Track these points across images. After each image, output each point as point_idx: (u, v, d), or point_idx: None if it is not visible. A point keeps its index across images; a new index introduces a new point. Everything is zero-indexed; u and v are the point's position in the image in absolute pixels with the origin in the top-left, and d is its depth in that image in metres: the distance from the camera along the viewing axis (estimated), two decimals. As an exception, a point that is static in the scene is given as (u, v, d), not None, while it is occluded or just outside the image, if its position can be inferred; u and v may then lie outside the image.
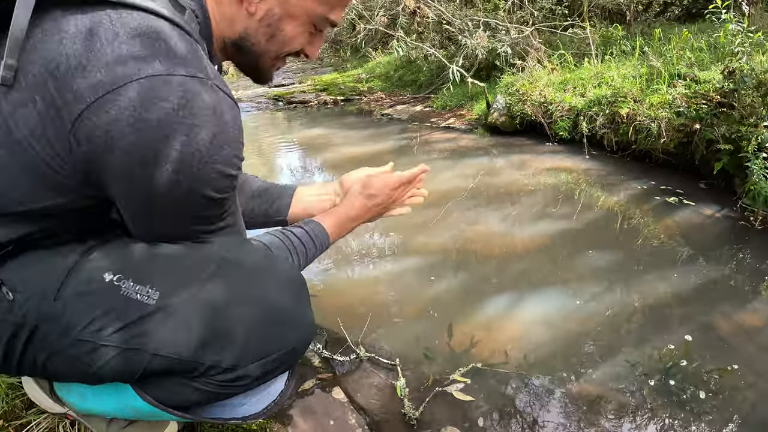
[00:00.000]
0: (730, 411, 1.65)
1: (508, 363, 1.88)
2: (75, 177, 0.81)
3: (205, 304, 0.91)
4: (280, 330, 0.97)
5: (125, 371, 0.92)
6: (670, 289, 2.31)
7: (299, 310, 1.01)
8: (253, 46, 1.04)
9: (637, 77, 4.42)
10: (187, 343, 0.90)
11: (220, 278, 0.93)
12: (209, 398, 1.01)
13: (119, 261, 0.93)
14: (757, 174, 2.94)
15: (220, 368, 0.93)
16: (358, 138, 5.60)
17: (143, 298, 0.89)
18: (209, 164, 0.82)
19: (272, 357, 0.96)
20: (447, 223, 3.13)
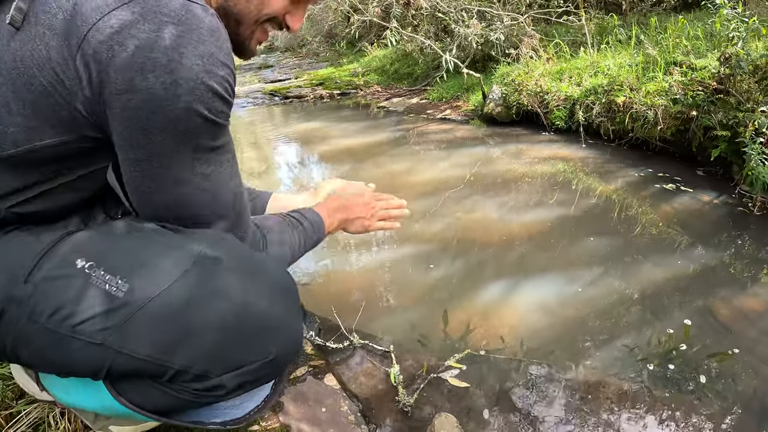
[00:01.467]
0: (732, 396, 1.62)
1: (505, 349, 1.85)
2: (76, 109, 0.81)
3: (176, 303, 0.85)
4: (259, 338, 0.90)
5: (90, 367, 0.87)
6: (669, 275, 2.28)
7: (283, 316, 0.94)
8: (235, 6, 1.01)
9: (633, 66, 4.39)
10: (154, 343, 0.85)
11: (196, 276, 0.87)
12: (187, 406, 0.97)
13: (94, 247, 0.90)
14: (755, 159, 2.91)
15: (191, 375, 0.88)
16: (354, 130, 5.56)
17: (112, 290, 0.84)
18: (205, 80, 0.82)
19: (249, 368, 0.90)
20: (443, 211, 3.09)
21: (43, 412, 1.32)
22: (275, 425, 1.42)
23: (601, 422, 1.54)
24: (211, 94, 0.83)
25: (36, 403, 1.33)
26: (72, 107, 0.81)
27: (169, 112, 0.81)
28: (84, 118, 0.82)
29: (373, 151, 4.64)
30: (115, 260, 0.87)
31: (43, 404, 1.32)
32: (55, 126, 0.82)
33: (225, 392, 0.91)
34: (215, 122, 0.87)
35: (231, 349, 0.88)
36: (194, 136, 0.86)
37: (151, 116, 0.80)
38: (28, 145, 0.83)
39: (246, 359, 0.89)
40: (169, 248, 0.89)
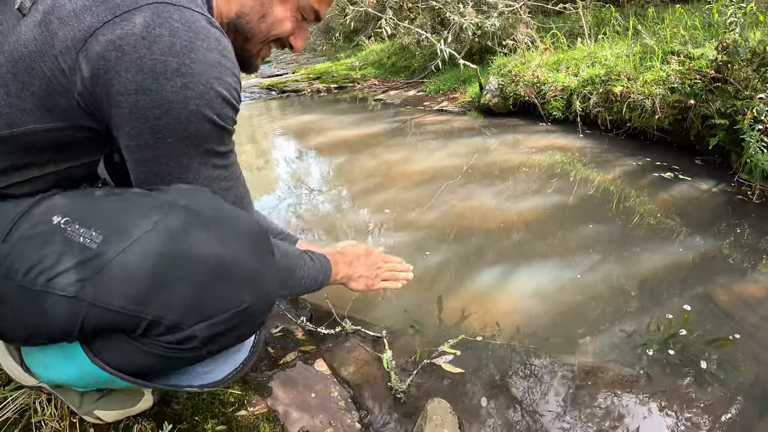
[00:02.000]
0: (733, 382, 1.58)
1: (500, 335, 1.81)
2: (74, 98, 0.83)
3: (148, 252, 0.83)
4: (231, 287, 0.88)
5: (64, 324, 0.85)
6: (667, 262, 2.24)
7: (256, 265, 0.92)
8: (246, 24, 1.09)
9: (630, 56, 4.35)
10: (126, 293, 0.83)
11: (168, 225, 0.85)
12: (162, 364, 0.94)
13: (71, 205, 0.89)
14: (753, 147, 2.87)
15: (163, 326, 0.86)
16: (351, 122, 5.52)
17: (86, 242, 0.83)
18: (214, 86, 0.85)
19: (221, 317, 0.87)
20: (439, 199, 3.05)
21: (30, 398, 1.29)
22: (263, 410, 1.39)
23: (600, 408, 1.50)
24: (220, 100, 0.87)
25: (22, 389, 1.30)
26: (70, 96, 0.83)
27: (179, 114, 0.84)
28: (81, 108, 0.84)
29: (370, 141, 4.60)
30: (91, 215, 0.87)
31: (30, 390, 1.29)
32: (52, 111, 0.84)
33: (198, 344, 0.89)
34: (223, 127, 0.91)
35: (203, 299, 0.86)
36: (203, 140, 0.90)
37: (160, 118, 0.83)
38: (24, 127, 0.85)
39: (218, 308, 0.87)
40: (144, 201, 0.89)
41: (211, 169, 0.95)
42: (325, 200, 3.21)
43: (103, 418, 1.21)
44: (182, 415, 1.33)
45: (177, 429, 1.27)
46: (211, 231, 0.87)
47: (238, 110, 0.95)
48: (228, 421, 1.33)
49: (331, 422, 1.38)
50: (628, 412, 1.49)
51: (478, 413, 1.49)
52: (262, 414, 1.37)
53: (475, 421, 1.47)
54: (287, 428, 1.35)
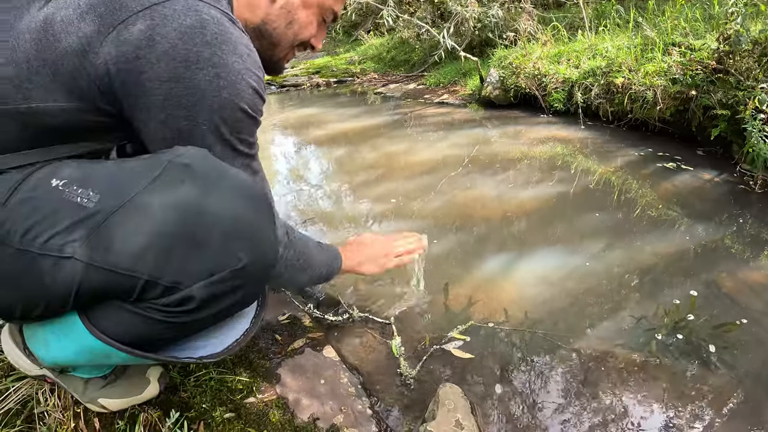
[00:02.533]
0: (742, 365, 1.58)
1: (509, 321, 1.81)
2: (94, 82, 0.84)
3: (144, 210, 0.82)
4: (228, 244, 0.86)
5: (60, 287, 0.84)
6: (672, 249, 2.23)
7: (255, 222, 0.90)
8: (274, 31, 1.14)
9: (631, 47, 4.34)
10: (121, 252, 0.82)
11: (163, 182, 0.84)
12: (160, 332, 0.93)
13: (72, 169, 0.89)
14: (756, 137, 2.87)
15: (160, 287, 0.84)
16: (351, 115, 5.50)
17: (83, 201, 0.83)
18: (245, 77, 0.88)
19: (219, 276, 0.86)
20: (442, 189, 3.04)
21: (32, 389, 1.28)
22: (272, 397, 1.38)
23: (610, 392, 1.50)
24: (251, 91, 0.91)
25: (25, 380, 1.29)
26: (91, 80, 0.84)
27: (212, 103, 0.87)
28: (100, 92, 0.85)
29: (370, 134, 4.59)
30: (89, 176, 0.86)
31: (32, 381, 1.28)
32: (72, 91, 0.85)
33: (196, 305, 0.87)
34: (254, 118, 0.95)
35: (198, 256, 0.84)
36: (234, 129, 0.93)
37: (195, 105, 0.86)
38: (42, 104, 0.85)
39: (215, 267, 0.85)
40: (142, 162, 0.89)
41: (240, 158, 0.97)
42: (326, 192, 3.20)
43: (107, 407, 1.20)
44: (189, 402, 1.32)
45: (184, 417, 1.26)
46: (207, 188, 0.86)
47: (264, 102, 0.97)
48: (236, 408, 1.33)
49: (341, 409, 1.38)
50: (637, 396, 1.48)
51: (489, 398, 1.49)
52: (271, 401, 1.37)
53: (486, 405, 1.46)
54: (297, 415, 1.34)
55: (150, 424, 1.24)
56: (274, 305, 1.80)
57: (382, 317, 1.82)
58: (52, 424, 1.21)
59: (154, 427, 1.23)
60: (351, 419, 1.35)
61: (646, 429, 1.38)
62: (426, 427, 1.33)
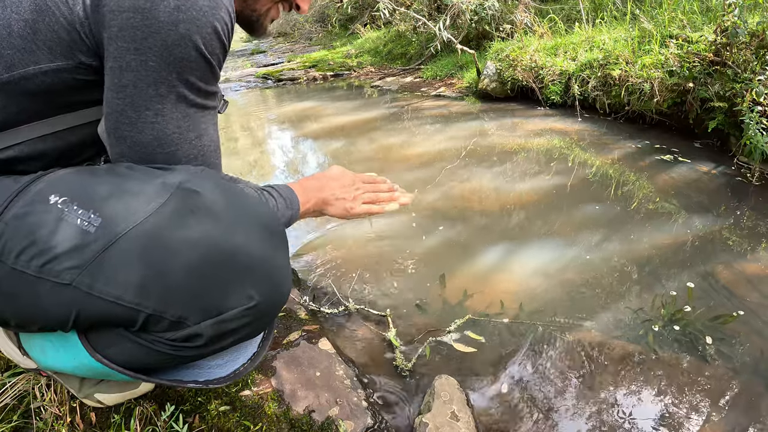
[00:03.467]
0: (739, 357, 1.58)
1: (505, 313, 1.80)
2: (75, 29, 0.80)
3: (150, 239, 0.77)
4: (240, 281, 0.81)
5: (58, 313, 0.80)
6: (669, 241, 2.23)
7: (268, 259, 0.85)
8: None
9: (628, 40, 4.32)
10: (124, 283, 0.77)
11: (172, 210, 0.80)
12: (166, 361, 0.89)
13: (71, 183, 0.84)
14: (753, 129, 2.86)
15: (166, 321, 0.81)
16: (347, 108, 5.48)
17: (83, 225, 0.78)
18: (208, 16, 0.81)
19: (229, 315, 0.82)
20: (439, 182, 3.04)
21: (29, 383, 1.27)
22: (267, 390, 1.37)
23: (607, 383, 1.49)
24: (211, 30, 0.82)
25: (21, 374, 1.28)
26: (71, 27, 0.80)
27: (167, 36, 0.79)
28: (81, 40, 0.81)
29: (367, 127, 4.57)
30: (90, 195, 0.81)
31: (29, 375, 1.27)
32: (53, 49, 0.81)
33: (203, 342, 0.84)
34: (209, 61, 0.85)
35: (208, 293, 0.80)
36: (186, 69, 0.83)
37: (148, 38, 0.79)
38: (22, 69, 0.80)
39: (225, 305, 0.81)
40: (147, 182, 0.83)
41: (188, 106, 0.88)
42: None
43: (103, 402, 1.19)
44: (185, 396, 1.32)
45: (180, 410, 1.26)
46: (218, 218, 0.82)
47: (227, 53, 0.89)
48: (232, 401, 1.32)
49: (337, 400, 1.37)
50: (634, 387, 1.48)
51: (485, 390, 1.48)
52: (266, 394, 1.36)
53: (482, 397, 1.46)
54: (292, 407, 1.33)
55: (145, 418, 1.23)
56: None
57: (377, 309, 1.81)
58: (48, 419, 1.20)
59: (150, 421, 1.23)
60: (346, 411, 1.34)
61: (643, 420, 1.37)
62: (422, 418, 1.33)
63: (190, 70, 0.84)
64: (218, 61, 0.88)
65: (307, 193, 1.29)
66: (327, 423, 1.30)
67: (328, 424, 1.30)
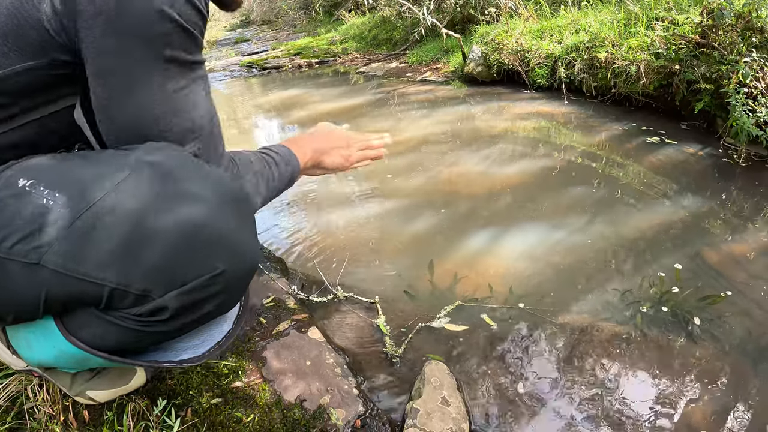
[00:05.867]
0: (727, 337, 1.59)
1: (494, 297, 1.80)
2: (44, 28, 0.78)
3: (111, 213, 0.77)
4: (203, 250, 0.80)
5: (30, 295, 0.80)
6: (656, 222, 2.24)
7: (232, 227, 0.83)
8: None
9: (614, 22, 4.32)
10: (87, 258, 0.77)
11: (131, 183, 0.78)
12: (136, 340, 0.89)
13: (39, 167, 0.83)
14: (739, 111, 2.87)
15: (131, 296, 0.79)
16: (334, 95, 5.46)
17: (49, 204, 0.77)
18: None
19: (192, 285, 0.80)
20: (425, 166, 3.03)
21: (21, 384, 1.26)
22: (258, 380, 1.37)
23: (596, 365, 1.50)
24: (184, 1, 0.80)
25: (13, 375, 1.26)
26: (40, 26, 0.78)
27: (141, 13, 0.77)
28: (52, 37, 0.79)
29: (353, 113, 4.55)
30: (56, 176, 0.81)
31: (21, 377, 1.26)
32: (24, 50, 0.79)
33: (169, 315, 0.83)
34: (188, 31, 0.83)
35: (170, 264, 0.79)
36: (166, 43, 0.82)
37: (122, 19, 0.77)
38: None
39: (188, 274, 0.80)
40: (110, 161, 0.82)
41: (177, 79, 0.86)
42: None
43: (95, 398, 1.18)
44: (176, 389, 1.31)
45: (171, 404, 1.25)
46: (180, 189, 0.80)
47: (206, 19, 0.87)
48: (223, 393, 1.31)
49: (328, 389, 1.36)
50: (623, 369, 1.49)
51: (475, 374, 1.48)
52: (257, 384, 1.35)
53: (472, 382, 1.46)
54: (283, 397, 1.33)
55: (138, 413, 1.22)
56: (259, 289, 1.78)
57: (366, 296, 1.80)
58: (42, 419, 1.19)
59: (142, 416, 1.22)
60: (338, 399, 1.34)
61: (632, 401, 1.38)
62: (412, 404, 1.33)
63: (171, 44, 0.82)
64: (198, 29, 0.86)
65: (303, 148, 1.31)
66: (319, 411, 1.29)
67: (320, 413, 1.29)
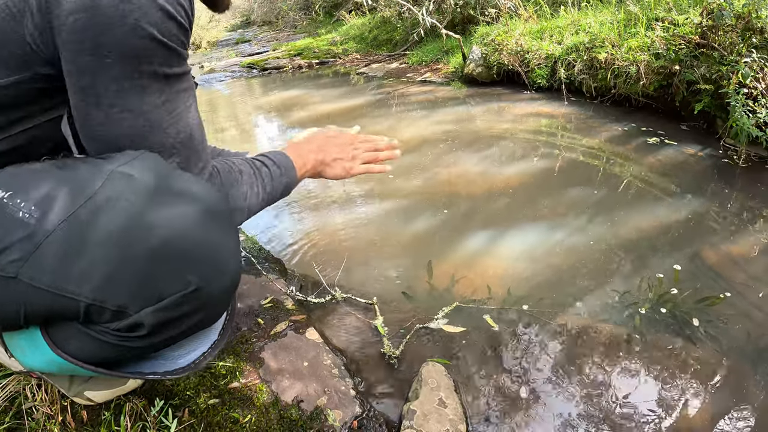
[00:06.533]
0: (726, 339, 1.58)
1: (492, 298, 1.80)
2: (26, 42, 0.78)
3: (84, 227, 0.76)
4: (175, 265, 0.79)
5: (11, 309, 0.80)
6: (656, 223, 2.24)
7: (206, 241, 0.82)
8: None
9: (614, 23, 4.32)
10: (60, 273, 0.76)
11: (104, 197, 0.78)
12: (117, 353, 0.88)
13: (15, 178, 0.83)
14: (739, 111, 2.87)
15: (107, 311, 0.79)
16: (334, 96, 5.45)
17: (24, 216, 0.77)
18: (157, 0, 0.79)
19: (167, 302, 0.79)
20: (425, 166, 3.03)
21: (19, 385, 1.26)
22: (256, 381, 1.36)
23: (595, 367, 1.50)
24: (162, 14, 0.79)
25: (11, 376, 1.27)
26: (22, 40, 0.78)
27: (118, 31, 0.77)
28: (34, 51, 0.79)
29: (354, 114, 4.55)
30: (32, 188, 0.80)
31: (19, 377, 1.26)
32: (8, 63, 0.79)
33: (147, 332, 0.82)
34: (168, 46, 0.82)
35: (145, 280, 0.78)
36: (144, 59, 0.81)
37: (98, 36, 0.76)
38: None
39: (162, 291, 0.79)
40: (86, 171, 0.82)
41: (157, 95, 0.84)
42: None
43: (93, 399, 1.19)
44: (174, 390, 1.31)
45: (169, 405, 1.25)
46: (153, 202, 0.79)
47: (188, 31, 0.86)
48: (220, 394, 1.31)
49: (325, 390, 1.36)
50: (622, 370, 1.48)
51: (472, 376, 1.48)
52: (254, 385, 1.35)
53: (469, 383, 1.46)
54: (281, 398, 1.33)
55: (135, 414, 1.22)
56: (257, 289, 1.78)
57: (364, 297, 1.80)
58: (40, 419, 1.20)
59: (140, 417, 1.22)
60: (335, 400, 1.34)
61: (631, 402, 1.38)
62: (410, 406, 1.32)
63: (149, 59, 0.81)
64: (179, 42, 0.84)
65: (304, 157, 1.29)
66: (316, 412, 1.29)
67: (317, 414, 1.29)
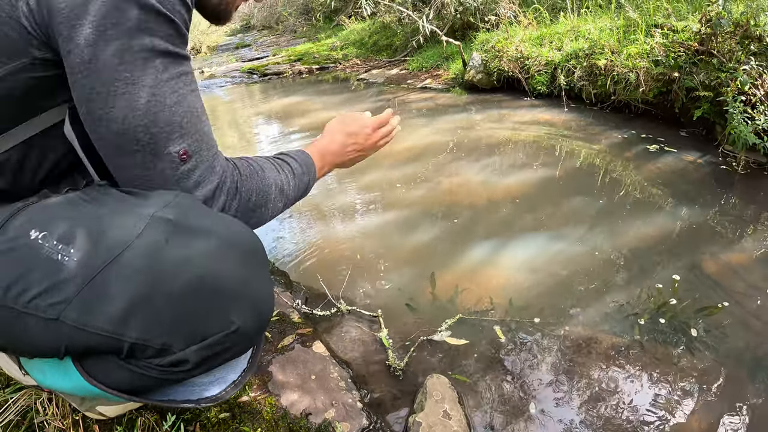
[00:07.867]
0: (724, 348, 1.61)
1: (495, 309, 1.83)
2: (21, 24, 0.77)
3: (127, 271, 0.78)
4: (218, 307, 0.81)
5: (50, 345, 0.82)
6: (655, 232, 2.26)
7: (245, 282, 0.84)
8: None
9: (614, 29, 4.35)
10: (105, 315, 0.78)
11: (147, 242, 0.79)
12: (157, 383, 0.90)
13: (49, 217, 0.83)
14: (737, 118, 2.90)
15: (151, 349, 0.81)
16: (334, 102, 5.48)
17: (64, 260, 0.78)
18: None
19: (212, 340, 0.82)
20: (426, 176, 3.06)
21: (31, 399, 1.27)
22: (264, 395, 1.39)
23: (595, 377, 1.52)
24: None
25: (23, 390, 1.28)
26: (17, 23, 0.76)
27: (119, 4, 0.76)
28: (30, 34, 0.77)
29: (355, 121, 4.56)
30: (68, 229, 0.81)
31: (30, 391, 1.27)
32: (4, 50, 0.78)
33: (190, 367, 0.85)
34: (170, 19, 0.81)
35: (189, 321, 0.81)
36: (147, 31, 0.79)
37: (101, 8, 0.75)
38: None
39: (206, 331, 0.82)
40: (122, 214, 0.83)
41: (159, 71, 0.83)
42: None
43: (105, 414, 1.20)
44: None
45: (180, 420, 1.27)
46: (194, 245, 0.81)
47: (190, 10, 0.86)
48: (231, 408, 1.34)
49: (332, 403, 1.39)
50: (622, 380, 1.51)
51: (476, 388, 1.51)
52: (263, 399, 1.38)
53: (473, 395, 1.49)
54: (289, 411, 1.35)
55: (148, 428, 1.24)
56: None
57: (369, 310, 1.83)
58: (52, 433, 1.22)
59: (152, 431, 1.24)
60: (342, 413, 1.37)
61: (631, 411, 1.41)
62: (415, 418, 1.35)
63: (152, 32, 0.80)
64: (182, 19, 0.84)
65: (324, 158, 1.34)
66: (324, 425, 1.32)
67: (325, 426, 1.32)
